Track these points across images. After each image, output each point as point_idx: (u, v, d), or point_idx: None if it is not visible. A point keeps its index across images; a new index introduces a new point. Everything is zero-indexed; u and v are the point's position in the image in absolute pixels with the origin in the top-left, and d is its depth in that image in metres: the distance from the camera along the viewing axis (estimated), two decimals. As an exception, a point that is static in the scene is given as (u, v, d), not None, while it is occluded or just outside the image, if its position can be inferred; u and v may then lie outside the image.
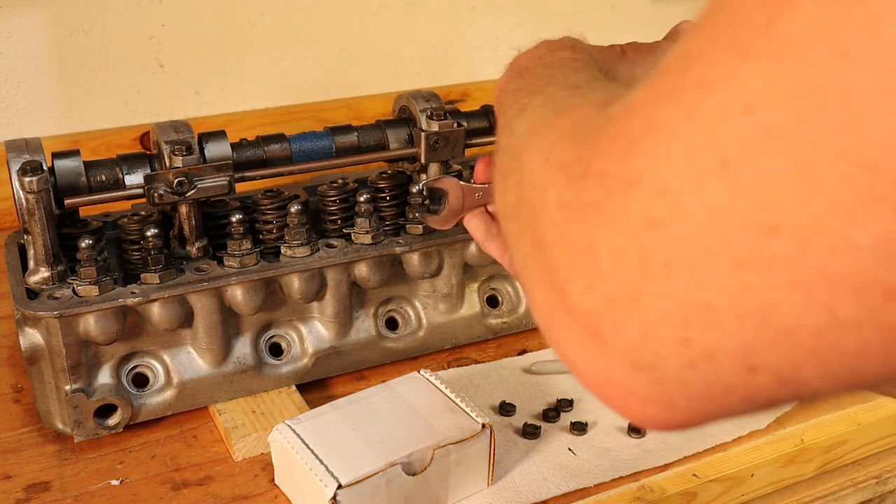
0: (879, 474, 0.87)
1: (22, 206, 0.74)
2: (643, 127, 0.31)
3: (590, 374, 0.34)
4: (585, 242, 0.33)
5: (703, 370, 0.31)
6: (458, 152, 0.88)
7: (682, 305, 0.30)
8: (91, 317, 0.74)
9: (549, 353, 0.91)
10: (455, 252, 0.88)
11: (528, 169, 0.40)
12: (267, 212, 0.85)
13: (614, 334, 0.32)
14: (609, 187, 0.32)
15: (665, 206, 0.30)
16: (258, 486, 0.73)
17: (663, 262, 0.30)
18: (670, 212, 0.30)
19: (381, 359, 0.88)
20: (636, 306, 0.31)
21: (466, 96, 1.36)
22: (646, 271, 0.31)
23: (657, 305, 0.31)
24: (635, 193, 0.31)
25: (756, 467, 0.77)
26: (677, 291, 0.30)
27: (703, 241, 0.29)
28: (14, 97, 1.13)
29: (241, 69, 1.23)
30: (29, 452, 0.76)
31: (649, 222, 0.30)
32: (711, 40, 0.30)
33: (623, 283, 0.31)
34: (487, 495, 0.73)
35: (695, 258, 0.29)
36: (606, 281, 0.32)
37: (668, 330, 0.31)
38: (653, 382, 0.32)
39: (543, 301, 0.36)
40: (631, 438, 0.79)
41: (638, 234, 0.31)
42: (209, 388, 0.80)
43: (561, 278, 0.34)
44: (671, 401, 0.33)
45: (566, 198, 0.35)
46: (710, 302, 0.29)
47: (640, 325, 0.31)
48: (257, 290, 0.79)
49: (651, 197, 0.30)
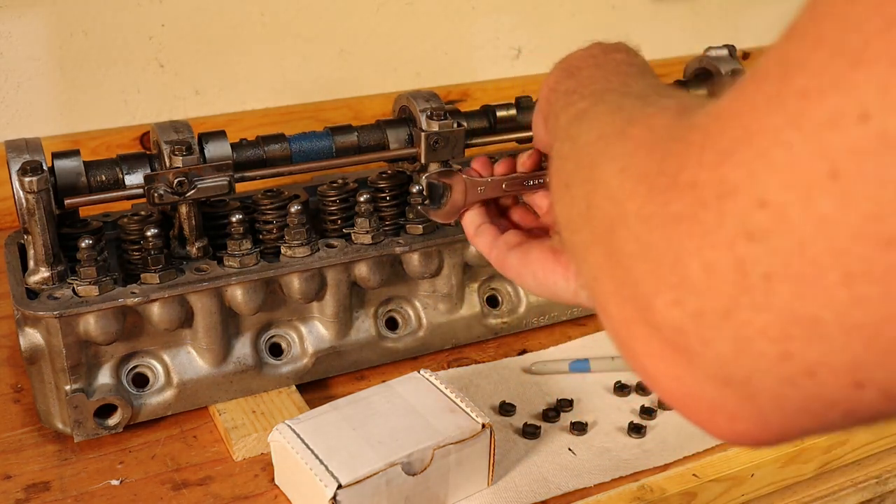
0: (879, 474, 0.87)
1: (22, 206, 0.74)
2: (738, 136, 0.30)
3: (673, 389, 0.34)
4: (673, 255, 0.32)
5: (804, 386, 0.30)
6: (458, 152, 0.88)
7: (783, 319, 0.29)
8: (91, 317, 0.74)
9: (549, 353, 0.91)
10: (455, 252, 0.88)
11: (602, 179, 0.39)
12: (267, 212, 0.85)
13: (703, 349, 0.32)
14: (700, 198, 0.31)
15: (765, 217, 0.29)
16: (258, 486, 0.73)
17: (763, 274, 0.29)
18: (771, 223, 0.29)
19: (381, 359, 0.88)
20: (730, 320, 0.30)
21: (466, 96, 1.36)
22: (743, 284, 0.30)
23: (755, 319, 0.30)
24: (731, 204, 0.30)
25: (756, 467, 0.77)
26: (779, 305, 0.29)
27: (810, 253, 0.28)
28: (14, 97, 1.13)
29: (241, 69, 1.23)
30: (29, 452, 0.76)
31: (747, 234, 0.29)
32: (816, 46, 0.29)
33: (716, 297, 0.31)
34: (487, 495, 0.73)
35: (800, 270, 0.28)
36: (697, 294, 0.31)
37: (767, 344, 0.30)
38: (744, 398, 0.32)
39: (619, 315, 0.36)
40: (631, 438, 0.79)
41: (735, 246, 0.30)
42: (209, 388, 0.80)
43: (643, 292, 0.34)
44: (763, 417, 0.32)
45: (649, 210, 0.34)
46: (817, 315, 0.28)
47: (734, 340, 0.30)
48: (257, 290, 0.79)
49: (749, 208, 0.29)
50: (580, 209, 0.41)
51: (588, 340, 0.93)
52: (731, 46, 1.02)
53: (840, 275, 0.28)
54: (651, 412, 0.81)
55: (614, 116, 0.43)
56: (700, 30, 1.53)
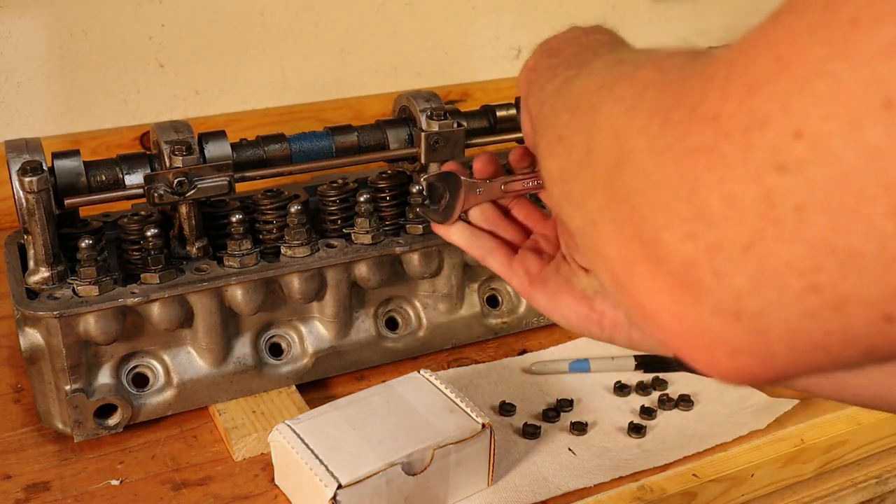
0: (879, 474, 0.87)
1: (22, 206, 0.74)
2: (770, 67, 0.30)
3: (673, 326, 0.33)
4: (688, 188, 0.32)
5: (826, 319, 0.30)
6: (458, 152, 0.88)
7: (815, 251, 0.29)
8: (91, 317, 0.74)
9: (549, 353, 0.91)
10: (455, 252, 0.88)
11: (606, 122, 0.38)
12: (267, 212, 0.85)
13: (715, 282, 0.31)
14: (722, 130, 0.31)
15: (801, 147, 0.28)
16: (258, 486, 0.73)
17: (795, 206, 0.29)
18: (808, 153, 0.28)
19: (381, 359, 0.88)
20: (752, 253, 0.30)
21: (466, 96, 1.36)
22: (770, 216, 0.29)
23: (782, 251, 0.29)
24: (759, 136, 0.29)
25: (756, 467, 0.77)
26: (811, 236, 0.29)
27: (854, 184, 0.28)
28: (14, 97, 1.13)
29: (241, 69, 1.23)
30: (29, 452, 0.76)
31: (778, 165, 0.29)
32: None
33: (737, 229, 0.30)
34: (487, 495, 0.73)
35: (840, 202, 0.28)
36: (714, 227, 0.31)
37: (793, 277, 0.29)
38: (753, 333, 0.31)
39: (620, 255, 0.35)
40: (631, 438, 0.79)
41: (762, 178, 0.29)
42: (209, 388, 0.80)
43: (650, 226, 0.33)
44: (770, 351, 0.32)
45: (662, 143, 0.33)
46: (855, 247, 0.28)
47: (754, 272, 0.30)
48: (257, 290, 0.79)
49: (781, 139, 0.29)
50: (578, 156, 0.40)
51: (588, 340, 0.93)
52: (731, 46, 1.02)
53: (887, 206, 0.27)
54: (651, 412, 0.81)
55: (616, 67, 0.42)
56: (700, 30, 1.53)
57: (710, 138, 0.31)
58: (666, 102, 0.34)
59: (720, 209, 0.31)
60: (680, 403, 0.83)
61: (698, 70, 0.34)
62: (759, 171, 0.29)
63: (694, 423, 0.81)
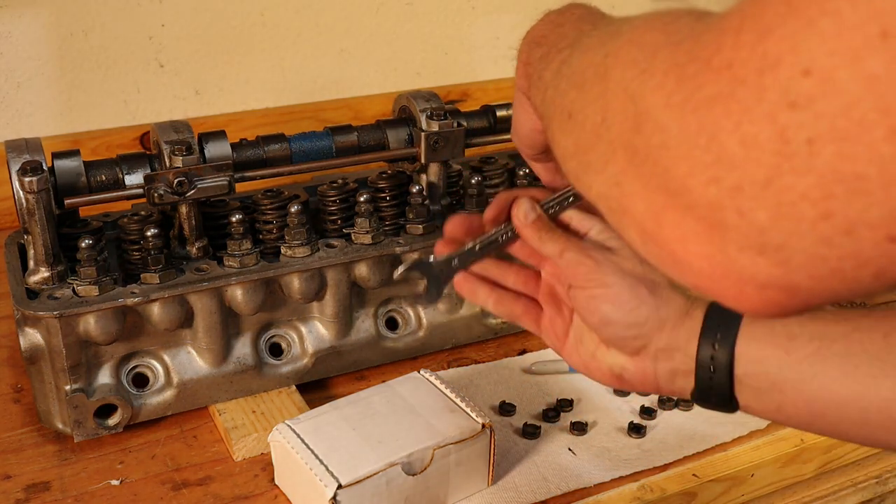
0: (879, 474, 0.87)
1: (22, 206, 0.74)
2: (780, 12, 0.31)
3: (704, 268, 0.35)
4: (707, 135, 0.33)
5: (840, 244, 0.31)
6: (458, 152, 0.88)
7: (825, 180, 0.30)
8: (91, 317, 0.74)
9: (549, 353, 0.91)
10: (455, 252, 0.88)
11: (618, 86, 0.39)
12: (267, 212, 0.85)
13: (740, 220, 0.33)
14: (737, 77, 0.32)
15: (810, 84, 0.30)
16: (258, 486, 0.73)
17: (806, 139, 0.30)
18: (816, 89, 0.30)
19: (381, 359, 0.88)
20: (770, 188, 0.32)
21: (466, 96, 1.36)
22: (785, 151, 0.31)
23: (797, 183, 0.31)
24: (771, 77, 0.31)
25: (756, 467, 0.77)
26: (822, 166, 0.30)
27: (856, 112, 0.29)
28: (14, 97, 1.13)
29: (241, 69, 1.23)
30: (29, 452, 0.76)
31: (790, 103, 0.31)
32: None
33: (756, 168, 0.32)
34: (487, 495, 0.73)
35: (845, 131, 0.30)
36: (735, 168, 0.32)
37: (808, 206, 0.31)
38: (776, 265, 0.33)
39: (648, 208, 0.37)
40: (631, 438, 0.79)
41: (776, 116, 0.31)
42: (209, 388, 0.80)
43: (675, 176, 0.35)
44: (793, 282, 0.33)
45: (679, 98, 0.35)
46: (859, 172, 0.30)
47: (773, 207, 0.32)
48: (257, 290, 0.79)
49: (792, 78, 0.30)
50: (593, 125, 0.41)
51: (588, 340, 0.93)
52: (731, 46, 1.02)
53: (885, 130, 0.29)
54: (651, 412, 0.81)
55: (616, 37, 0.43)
56: (700, 30, 1.53)
57: (726, 86, 0.33)
58: (679, 59, 0.36)
59: (739, 151, 0.32)
60: (680, 403, 0.83)
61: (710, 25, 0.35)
62: (773, 110, 0.31)
63: (694, 423, 0.81)
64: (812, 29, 0.30)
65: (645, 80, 0.37)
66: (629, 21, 0.45)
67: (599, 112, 0.41)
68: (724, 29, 0.34)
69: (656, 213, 0.36)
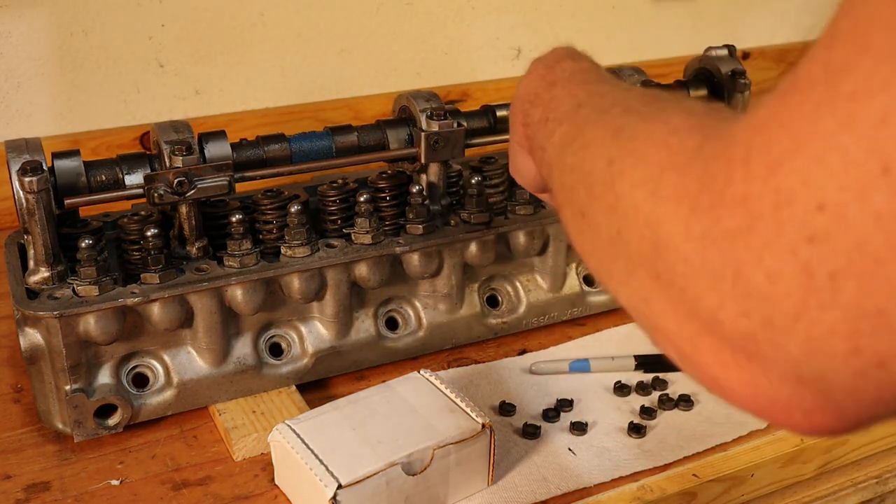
0: (879, 474, 0.87)
1: (22, 206, 0.74)
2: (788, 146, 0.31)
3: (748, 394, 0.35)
4: (732, 269, 0.33)
5: (875, 376, 0.31)
6: (458, 152, 0.88)
7: (850, 315, 0.30)
8: (91, 317, 0.74)
9: (549, 353, 0.91)
10: (455, 252, 0.88)
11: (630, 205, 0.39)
12: (267, 212, 0.85)
13: (776, 352, 0.33)
14: (754, 211, 0.32)
15: (825, 219, 0.30)
16: (258, 486, 0.73)
17: (828, 274, 0.30)
18: (831, 224, 0.30)
19: (381, 359, 0.88)
20: (800, 322, 0.31)
21: (466, 96, 1.36)
22: (810, 286, 0.31)
23: (824, 318, 0.31)
24: (788, 212, 0.31)
25: (756, 467, 0.77)
26: (845, 301, 0.30)
27: (869, 248, 0.29)
28: (14, 97, 1.13)
29: (241, 69, 1.23)
30: (29, 452, 0.76)
31: (809, 237, 0.30)
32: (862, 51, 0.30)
33: (784, 302, 0.31)
34: (487, 495, 0.73)
35: (862, 266, 0.29)
36: (764, 302, 0.32)
37: (837, 341, 0.31)
38: (819, 393, 0.33)
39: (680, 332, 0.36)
40: (631, 438, 0.79)
41: (798, 251, 0.31)
42: (209, 388, 0.80)
43: (706, 307, 0.34)
44: (839, 409, 0.33)
45: (698, 230, 0.34)
46: (882, 307, 0.30)
47: (805, 341, 0.31)
48: (257, 290, 0.79)
49: (808, 212, 0.30)
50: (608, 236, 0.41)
51: (588, 340, 0.93)
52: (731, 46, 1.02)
53: None
54: (651, 412, 0.81)
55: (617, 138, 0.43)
56: (700, 30, 1.53)
57: (744, 220, 0.32)
58: (689, 188, 0.36)
59: (766, 286, 0.32)
60: (680, 403, 0.83)
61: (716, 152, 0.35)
62: (794, 244, 0.31)
63: (694, 423, 0.81)
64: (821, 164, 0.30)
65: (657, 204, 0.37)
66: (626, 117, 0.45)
67: (614, 225, 0.41)
68: (731, 159, 0.34)
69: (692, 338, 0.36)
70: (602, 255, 0.43)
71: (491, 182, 0.93)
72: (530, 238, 0.91)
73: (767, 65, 1.58)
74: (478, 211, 0.88)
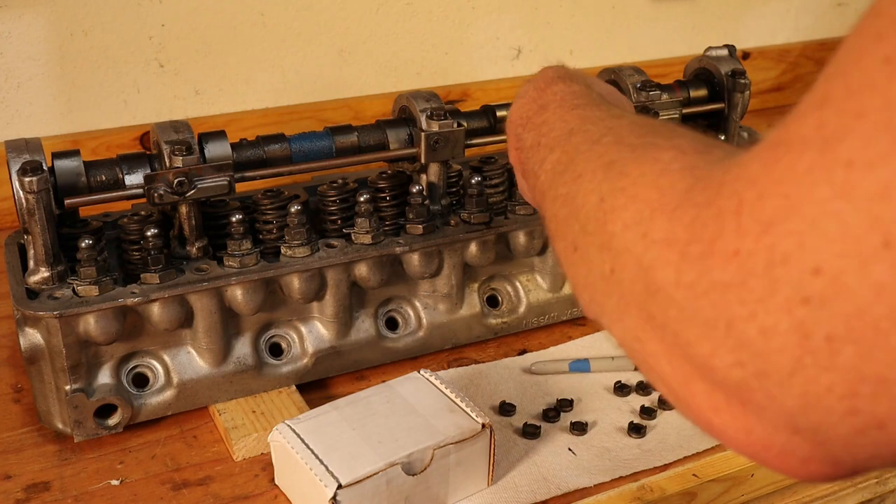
0: (879, 474, 0.87)
1: (22, 206, 0.74)
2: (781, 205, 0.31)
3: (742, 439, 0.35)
4: (724, 321, 0.33)
5: (874, 436, 0.31)
6: (458, 152, 0.88)
7: (849, 378, 0.30)
8: (91, 317, 0.74)
9: (549, 353, 0.91)
10: (455, 252, 0.88)
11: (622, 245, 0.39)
12: (267, 212, 0.85)
13: (770, 403, 0.32)
14: (747, 267, 0.32)
15: (822, 283, 0.30)
16: (258, 486, 0.73)
17: (826, 336, 0.30)
18: (828, 289, 0.29)
19: (381, 359, 0.88)
20: (795, 379, 0.31)
21: (466, 96, 1.36)
22: (805, 346, 0.30)
23: (821, 378, 0.30)
24: (783, 272, 0.30)
25: (756, 467, 0.77)
26: (843, 365, 0.30)
27: (870, 317, 0.29)
28: (14, 97, 1.13)
29: (241, 69, 1.23)
30: (29, 452, 0.76)
31: (804, 299, 0.30)
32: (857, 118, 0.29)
33: (779, 358, 0.31)
34: (487, 495, 0.73)
35: (862, 333, 0.29)
36: (758, 356, 0.32)
37: (835, 401, 0.30)
38: (815, 444, 0.32)
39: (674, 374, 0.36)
40: (631, 438, 0.79)
41: (792, 311, 0.30)
42: (209, 388, 0.80)
43: (699, 353, 0.34)
44: (835, 459, 0.33)
45: (688, 278, 0.34)
46: (881, 374, 0.29)
47: (801, 396, 0.31)
48: (257, 290, 0.79)
49: (803, 275, 0.30)
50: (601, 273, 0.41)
51: (588, 340, 0.93)
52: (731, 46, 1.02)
53: None
54: (651, 412, 0.81)
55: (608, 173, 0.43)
56: (700, 30, 1.53)
57: (736, 274, 0.32)
58: (679, 234, 0.35)
59: (759, 340, 0.31)
60: (680, 403, 0.83)
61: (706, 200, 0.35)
62: (789, 304, 0.30)
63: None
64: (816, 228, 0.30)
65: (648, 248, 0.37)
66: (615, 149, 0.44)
67: (607, 263, 0.40)
68: (722, 210, 0.33)
69: (685, 380, 0.36)
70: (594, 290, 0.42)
71: (491, 182, 0.93)
72: (530, 238, 0.91)
73: (767, 65, 1.58)
74: (478, 211, 0.88)
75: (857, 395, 0.30)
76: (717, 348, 0.33)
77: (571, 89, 0.59)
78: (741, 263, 0.32)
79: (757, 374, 0.32)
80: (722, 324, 0.33)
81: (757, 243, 0.31)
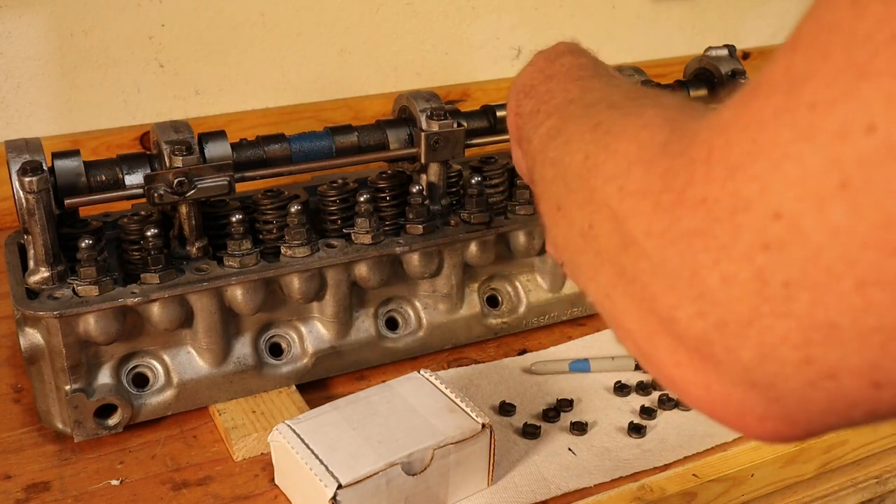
0: (879, 474, 0.87)
1: (22, 206, 0.74)
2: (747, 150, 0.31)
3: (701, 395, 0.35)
4: (689, 270, 0.33)
5: (826, 387, 0.31)
6: (458, 152, 0.88)
7: (803, 325, 0.30)
8: (91, 317, 0.74)
9: (549, 353, 0.91)
10: (455, 252, 0.88)
11: (601, 200, 0.39)
12: (267, 212, 0.85)
13: (728, 356, 0.32)
14: (712, 213, 0.32)
15: (781, 228, 0.30)
16: (258, 486, 0.73)
17: (782, 283, 0.30)
18: (787, 234, 0.29)
19: (381, 359, 0.88)
20: (752, 328, 0.31)
21: (466, 96, 1.36)
22: (763, 293, 0.30)
23: (777, 326, 0.30)
24: (745, 218, 0.31)
25: (756, 467, 0.77)
26: (799, 311, 0.30)
27: (824, 261, 0.29)
28: (14, 97, 1.13)
29: (241, 69, 1.23)
30: (29, 452, 0.76)
31: (764, 245, 0.30)
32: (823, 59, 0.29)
33: (738, 307, 0.31)
34: (487, 495, 0.73)
35: (816, 278, 0.29)
36: (718, 305, 0.32)
37: (789, 350, 0.30)
38: (771, 400, 0.33)
39: (641, 328, 0.36)
40: (631, 438, 0.79)
41: (753, 257, 0.30)
42: (209, 388, 0.80)
43: (663, 305, 0.34)
44: (790, 416, 0.33)
45: (658, 227, 0.34)
46: (834, 321, 0.29)
47: (757, 347, 0.31)
48: (257, 290, 0.79)
49: (764, 220, 0.30)
50: (580, 229, 0.41)
51: (588, 340, 0.93)
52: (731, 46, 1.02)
53: (853, 282, 0.28)
54: (651, 412, 0.81)
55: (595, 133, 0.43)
56: (700, 30, 1.53)
57: (702, 222, 0.32)
58: (653, 185, 0.36)
59: (721, 288, 0.32)
60: (680, 403, 0.83)
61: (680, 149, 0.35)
62: (750, 250, 0.31)
63: (694, 423, 0.81)
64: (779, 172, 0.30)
65: (623, 199, 0.37)
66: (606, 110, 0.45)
67: (587, 219, 0.41)
68: (693, 159, 0.34)
69: (650, 335, 0.36)
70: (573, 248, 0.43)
71: (491, 182, 0.93)
72: (530, 238, 0.91)
73: (767, 65, 1.58)
74: (478, 211, 0.88)
75: (811, 343, 0.30)
76: (681, 299, 0.33)
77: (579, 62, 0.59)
78: (708, 210, 0.32)
79: (717, 325, 0.32)
80: (687, 273, 0.33)
81: (722, 189, 0.32)
